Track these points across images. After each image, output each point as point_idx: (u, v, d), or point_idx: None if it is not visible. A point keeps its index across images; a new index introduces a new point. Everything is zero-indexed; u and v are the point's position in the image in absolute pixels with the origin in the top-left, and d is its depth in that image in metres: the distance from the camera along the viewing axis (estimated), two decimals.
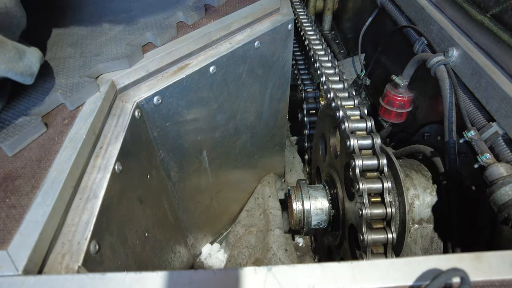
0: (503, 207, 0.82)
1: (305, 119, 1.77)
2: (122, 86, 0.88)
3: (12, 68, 0.67)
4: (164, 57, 0.93)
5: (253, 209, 1.62)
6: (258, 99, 1.27)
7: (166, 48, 0.95)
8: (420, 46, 1.31)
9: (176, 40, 0.98)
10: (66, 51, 0.92)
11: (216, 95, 1.09)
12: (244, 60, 1.09)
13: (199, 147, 1.18)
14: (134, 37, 0.95)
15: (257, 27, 1.10)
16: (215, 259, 1.58)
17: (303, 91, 1.82)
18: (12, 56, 0.67)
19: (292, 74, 1.86)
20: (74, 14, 1.08)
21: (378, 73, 1.86)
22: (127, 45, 0.91)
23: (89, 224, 0.63)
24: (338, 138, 1.26)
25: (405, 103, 1.37)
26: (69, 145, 0.70)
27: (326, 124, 1.34)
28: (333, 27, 2.71)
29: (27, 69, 0.71)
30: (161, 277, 0.52)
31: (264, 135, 1.45)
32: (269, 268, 0.53)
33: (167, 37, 0.97)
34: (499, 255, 0.55)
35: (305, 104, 1.78)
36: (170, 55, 0.94)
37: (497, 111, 0.95)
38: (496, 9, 1.00)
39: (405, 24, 1.44)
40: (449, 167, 1.08)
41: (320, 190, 1.25)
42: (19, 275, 0.53)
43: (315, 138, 1.57)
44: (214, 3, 1.12)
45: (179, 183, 1.18)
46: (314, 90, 1.83)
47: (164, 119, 0.98)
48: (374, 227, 0.94)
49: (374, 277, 0.53)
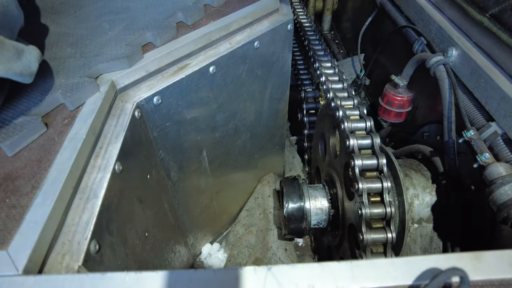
0: (502, 206, 0.82)
1: (304, 119, 1.78)
2: (122, 86, 0.88)
3: (10, 67, 0.67)
4: (164, 57, 0.93)
5: (253, 208, 1.62)
6: (258, 99, 1.27)
7: (166, 48, 0.95)
8: (420, 46, 1.31)
9: (176, 40, 0.98)
10: (66, 51, 0.92)
11: (216, 95, 1.09)
12: (243, 60, 1.09)
13: (199, 147, 1.18)
14: (134, 37, 0.95)
15: (257, 27, 1.10)
16: (215, 259, 1.58)
17: (302, 91, 1.82)
18: (10, 56, 0.67)
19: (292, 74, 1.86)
20: (74, 14, 1.08)
21: (378, 73, 1.86)
22: (127, 45, 0.91)
23: (89, 224, 0.63)
24: (337, 138, 1.26)
25: (404, 103, 1.38)
26: (69, 145, 0.70)
27: (326, 124, 1.34)
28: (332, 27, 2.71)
29: (26, 68, 0.71)
30: (161, 277, 0.53)
31: (264, 135, 1.45)
32: (269, 268, 0.53)
33: (167, 37, 0.97)
34: (499, 255, 0.56)
35: (304, 104, 1.79)
36: (170, 55, 0.94)
37: (496, 110, 0.95)
38: (495, 9, 1.00)
39: (405, 24, 1.44)
40: (448, 167, 1.08)
41: (320, 189, 1.25)
42: (19, 275, 0.53)
43: (315, 138, 1.57)
44: (214, 3, 1.12)
45: (179, 183, 1.18)
46: (313, 90, 1.83)
47: (164, 119, 0.98)
48: (373, 227, 0.94)
49: (374, 276, 0.53)
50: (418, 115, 1.45)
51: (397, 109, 1.39)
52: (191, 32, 1.00)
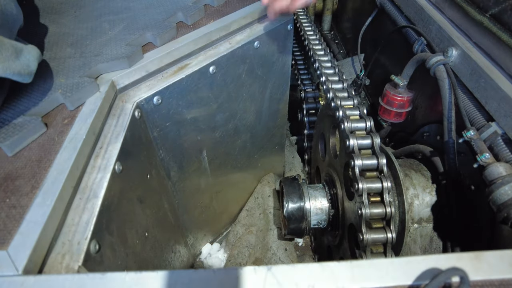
0: (502, 206, 0.82)
1: (304, 119, 1.78)
2: (122, 86, 0.88)
3: (9, 67, 0.67)
4: (164, 57, 0.94)
5: (253, 208, 1.62)
6: (258, 99, 1.27)
7: (166, 48, 0.95)
8: (420, 46, 1.31)
9: (176, 40, 0.98)
10: (66, 51, 0.92)
11: (216, 95, 1.09)
12: (243, 60, 1.09)
13: (199, 147, 1.18)
14: (134, 37, 0.95)
15: (257, 27, 1.10)
16: (215, 259, 1.58)
17: (302, 91, 1.82)
18: (9, 55, 0.66)
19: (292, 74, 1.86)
20: (74, 14, 1.08)
21: (378, 73, 1.86)
22: (127, 45, 0.91)
23: (89, 224, 0.63)
24: (337, 138, 1.26)
25: (404, 103, 1.38)
26: (69, 145, 0.70)
27: (326, 124, 1.34)
28: (332, 27, 2.71)
29: (25, 67, 0.71)
30: (161, 277, 0.53)
31: (264, 135, 1.45)
32: (269, 268, 0.53)
33: (167, 37, 0.97)
34: (499, 255, 0.56)
35: (304, 104, 1.79)
36: (170, 55, 0.94)
37: (496, 110, 0.95)
38: (495, 9, 1.00)
39: (405, 24, 1.44)
40: (448, 167, 1.08)
41: (320, 189, 1.25)
42: (19, 275, 0.53)
43: (315, 138, 1.57)
44: (214, 3, 1.12)
45: (179, 183, 1.18)
46: (313, 90, 1.83)
47: (164, 119, 0.98)
48: (373, 227, 0.94)
49: (374, 276, 0.53)
50: (418, 115, 1.45)
51: (397, 109, 1.39)
52: (191, 32, 1.00)
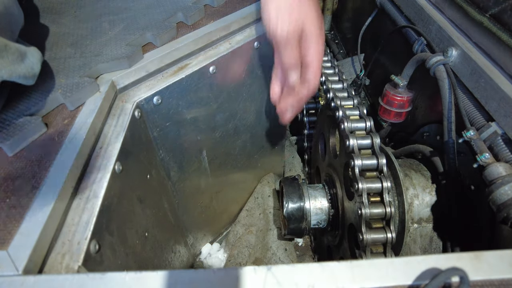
0: (502, 206, 0.82)
1: (304, 119, 1.78)
2: (122, 86, 0.88)
3: (15, 70, 0.67)
4: (164, 57, 0.94)
5: (252, 208, 1.62)
6: (258, 99, 1.27)
7: (166, 48, 0.95)
8: (420, 46, 1.31)
9: (176, 40, 0.98)
10: (66, 51, 0.92)
11: (216, 95, 1.09)
12: (243, 60, 1.09)
13: (199, 147, 1.18)
14: (134, 37, 0.95)
15: (257, 27, 1.10)
16: (215, 259, 1.58)
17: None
18: (14, 59, 0.67)
19: None
20: (74, 14, 1.08)
21: (378, 73, 1.86)
22: (127, 45, 0.92)
23: (89, 224, 0.63)
24: (337, 137, 1.26)
25: (404, 103, 1.38)
26: (69, 145, 0.70)
27: (326, 124, 1.34)
28: (332, 27, 2.71)
29: (29, 70, 0.71)
30: (161, 277, 0.53)
31: (264, 135, 1.45)
32: (269, 268, 0.53)
33: (167, 38, 0.97)
34: (499, 255, 0.56)
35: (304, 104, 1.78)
36: (170, 55, 0.94)
37: (496, 111, 0.95)
38: (495, 9, 1.00)
39: (405, 24, 1.44)
40: (448, 167, 1.08)
41: (320, 189, 1.25)
42: (19, 275, 0.53)
43: (315, 138, 1.57)
44: (214, 4, 1.12)
45: (179, 183, 1.18)
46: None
47: (164, 119, 0.98)
48: (373, 227, 0.94)
49: (374, 276, 0.53)
50: (418, 115, 1.45)
51: (397, 109, 1.39)
52: (191, 32, 1.00)
